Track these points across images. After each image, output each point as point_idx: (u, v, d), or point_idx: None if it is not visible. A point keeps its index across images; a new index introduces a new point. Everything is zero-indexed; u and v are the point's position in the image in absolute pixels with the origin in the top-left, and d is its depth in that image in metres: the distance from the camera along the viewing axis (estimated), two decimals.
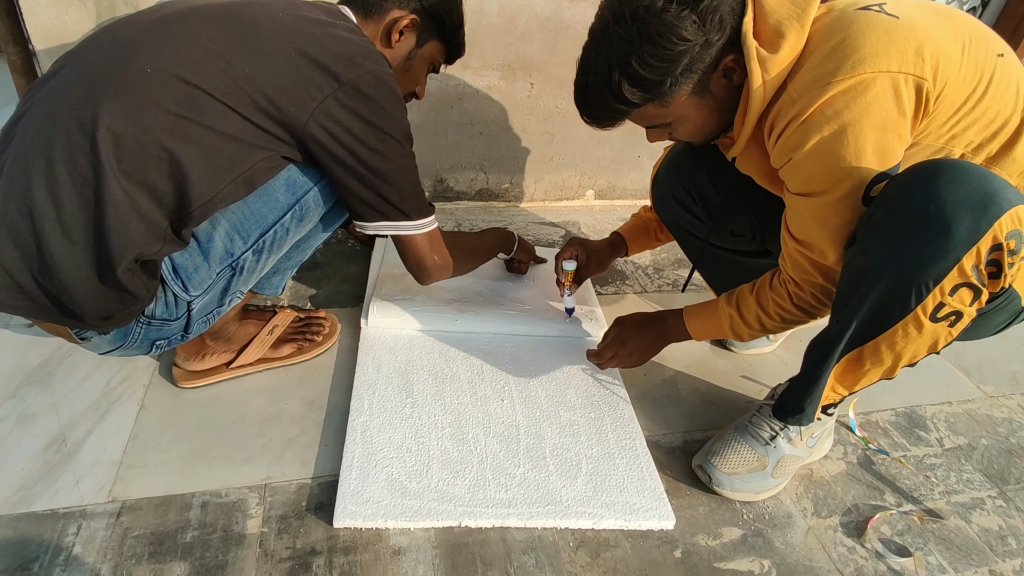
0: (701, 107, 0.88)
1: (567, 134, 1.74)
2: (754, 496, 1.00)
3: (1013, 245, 0.71)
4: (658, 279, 1.56)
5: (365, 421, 1.00)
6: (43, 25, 1.25)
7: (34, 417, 0.97)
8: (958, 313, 0.77)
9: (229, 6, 0.83)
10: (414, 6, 0.99)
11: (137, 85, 0.74)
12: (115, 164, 0.73)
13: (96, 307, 0.79)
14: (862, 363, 0.87)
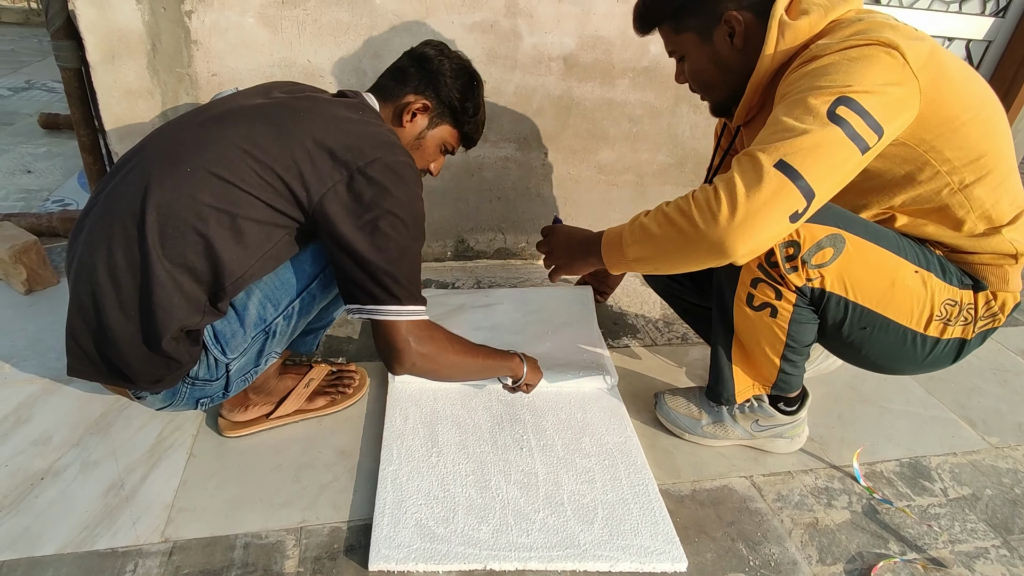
0: (703, 50, 1.01)
1: (579, 197, 1.86)
2: (680, 433, 1.24)
3: (790, 251, 0.90)
4: (668, 332, 1.64)
5: (395, 470, 1.08)
6: (115, 112, 1.43)
7: (96, 464, 1.06)
8: (769, 305, 0.98)
9: (261, 107, 0.95)
10: (428, 93, 1.10)
11: (179, 182, 0.87)
12: (160, 251, 0.86)
13: (148, 372, 0.92)
14: (743, 349, 1.09)
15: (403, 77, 1.11)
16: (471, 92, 1.13)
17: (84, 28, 1.33)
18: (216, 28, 1.39)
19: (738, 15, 0.94)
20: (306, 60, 1.47)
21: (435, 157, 1.18)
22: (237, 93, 1.04)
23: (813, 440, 1.30)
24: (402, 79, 1.11)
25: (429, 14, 1.48)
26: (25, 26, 5.03)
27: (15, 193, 2.07)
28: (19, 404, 1.17)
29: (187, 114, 1.00)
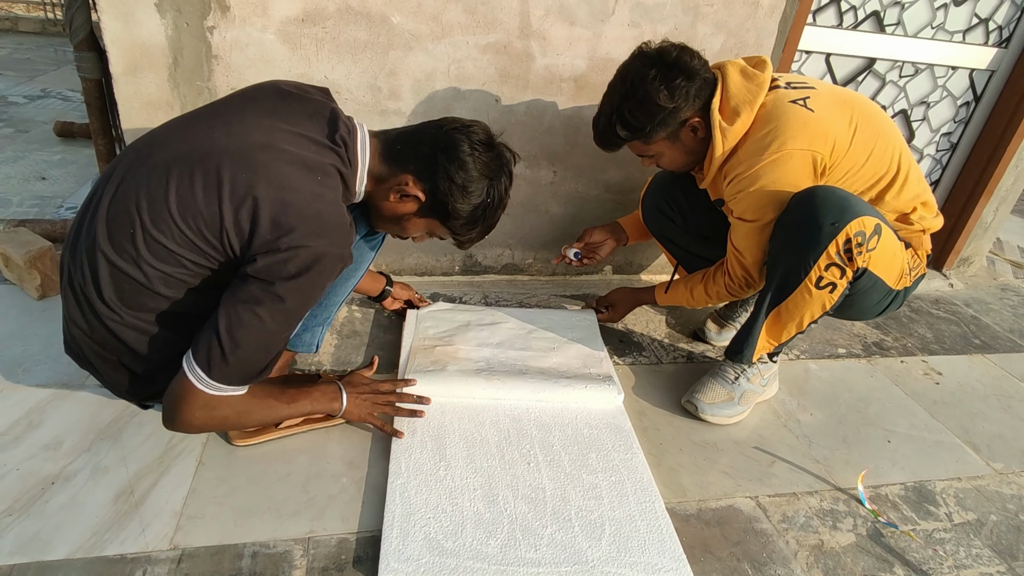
0: (674, 149, 1.31)
1: (587, 215, 1.88)
2: (727, 420, 1.38)
3: (860, 240, 1.13)
4: (673, 352, 1.65)
5: (403, 483, 1.08)
6: (135, 123, 1.45)
7: (106, 469, 1.07)
8: (833, 284, 1.19)
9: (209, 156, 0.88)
10: (424, 186, 1.00)
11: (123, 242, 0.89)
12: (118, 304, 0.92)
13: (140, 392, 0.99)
14: (780, 318, 1.28)
15: (413, 150, 1.01)
16: (487, 205, 1.03)
17: (108, 41, 1.36)
18: (237, 44, 1.42)
19: (696, 118, 1.24)
20: (323, 76, 1.50)
21: (418, 235, 1.12)
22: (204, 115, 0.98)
23: (818, 462, 1.30)
24: (411, 151, 1.01)
25: (445, 35, 1.51)
26: (41, 35, 5.11)
27: (29, 199, 2.09)
28: (31, 409, 1.18)
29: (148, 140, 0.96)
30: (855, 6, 1.86)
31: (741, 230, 1.31)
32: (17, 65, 4.01)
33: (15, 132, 2.73)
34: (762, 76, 1.24)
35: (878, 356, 1.75)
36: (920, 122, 2.14)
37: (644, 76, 1.20)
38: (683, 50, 1.22)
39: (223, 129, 0.93)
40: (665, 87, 1.19)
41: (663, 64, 1.20)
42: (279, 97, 1.00)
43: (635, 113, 1.23)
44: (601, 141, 1.33)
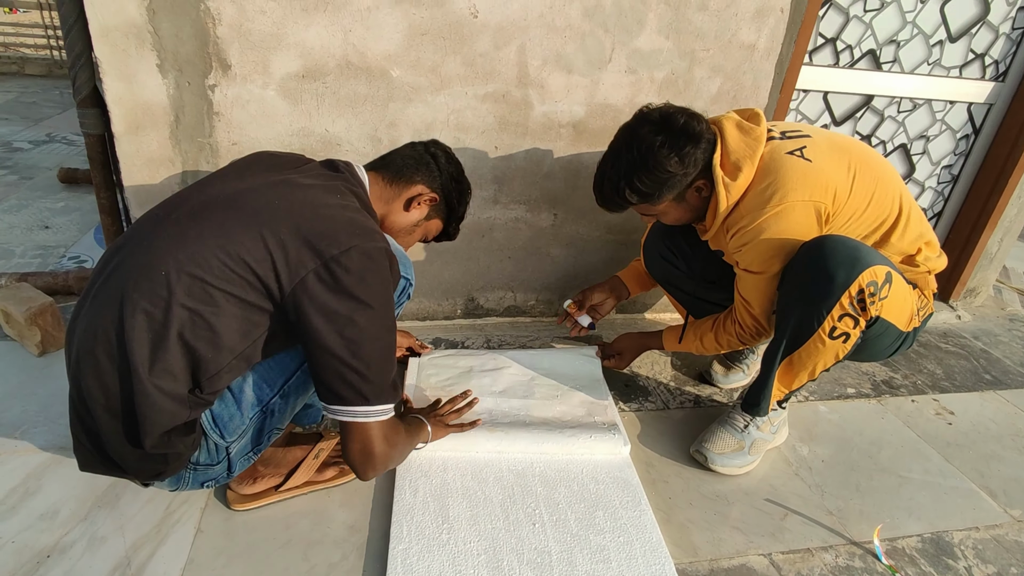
0: (679, 208, 1.31)
1: (588, 257, 1.88)
2: (737, 470, 1.35)
3: (872, 290, 1.13)
4: (680, 396, 1.63)
5: (405, 548, 1.06)
6: (136, 179, 1.46)
7: (103, 540, 1.05)
8: (846, 334, 1.18)
9: (236, 197, 0.94)
10: (436, 187, 1.18)
11: (155, 286, 0.86)
12: (143, 359, 0.85)
13: (148, 469, 0.93)
14: (792, 368, 1.28)
15: (415, 165, 1.17)
16: (465, 199, 1.26)
17: (111, 101, 1.38)
18: (238, 100, 1.43)
19: (702, 180, 1.25)
20: (324, 129, 1.51)
21: (415, 243, 1.27)
22: (214, 176, 1.03)
23: (832, 513, 1.27)
24: (414, 167, 1.17)
25: (444, 86, 1.52)
26: (48, 78, 5.21)
27: (32, 249, 2.10)
28: (28, 475, 1.16)
29: (164, 204, 0.99)
30: (851, 45, 1.88)
31: (748, 281, 1.30)
32: (23, 109, 4.08)
33: (20, 179, 2.76)
34: (758, 129, 1.25)
35: (888, 395, 1.72)
36: (920, 155, 2.15)
37: (652, 144, 1.19)
38: (689, 116, 1.21)
39: (235, 181, 0.99)
40: (676, 155, 1.19)
41: (670, 131, 1.19)
42: (271, 156, 1.11)
43: (645, 180, 1.22)
44: (606, 204, 1.33)
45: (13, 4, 6.28)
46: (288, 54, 1.42)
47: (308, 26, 1.40)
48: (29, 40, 5.96)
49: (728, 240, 1.28)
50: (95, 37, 1.32)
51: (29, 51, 5.88)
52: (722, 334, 1.40)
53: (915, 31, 1.90)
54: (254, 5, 1.35)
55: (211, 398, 0.93)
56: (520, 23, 1.50)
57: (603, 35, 1.56)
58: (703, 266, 1.52)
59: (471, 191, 1.28)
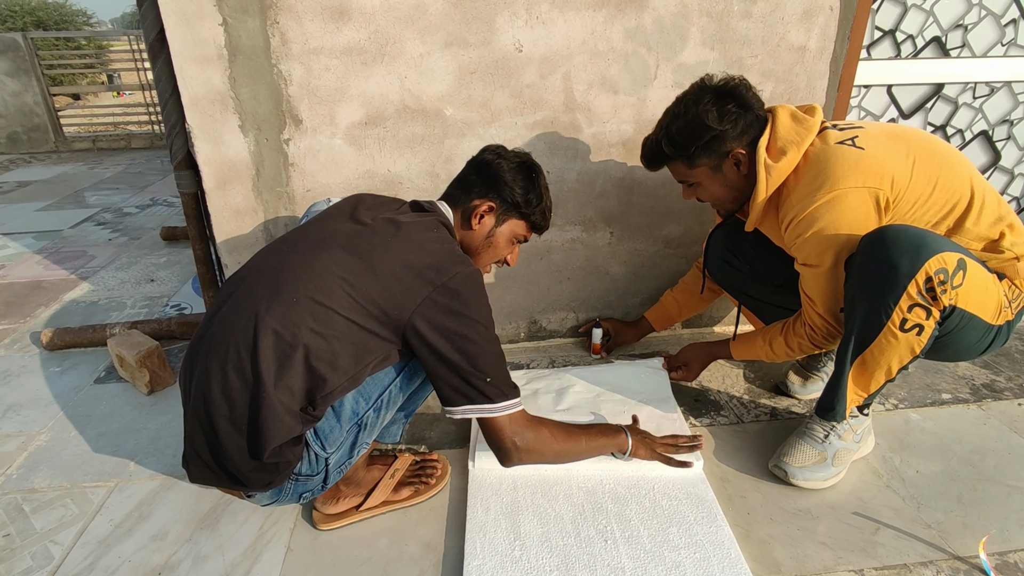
0: (715, 179, 1.30)
1: (648, 272, 1.87)
2: (822, 484, 1.28)
3: (942, 277, 1.06)
4: (755, 409, 1.58)
5: (479, 564, 1.08)
6: (225, 230, 1.62)
7: (205, 559, 1.14)
8: (920, 325, 1.11)
9: (352, 235, 1.06)
10: (492, 195, 1.20)
11: (286, 311, 0.97)
12: (270, 374, 0.95)
13: (261, 479, 1.01)
14: (865, 367, 1.20)
15: (467, 185, 1.22)
16: (531, 185, 1.22)
17: (201, 161, 1.55)
18: (310, 151, 1.57)
19: (741, 150, 1.24)
20: (386, 170, 1.62)
21: (509, 249, 1.28)
22: (326, 214, 1.16)
23: (930, 527, 1.18)
24: (466, 187, 1.22)
25: (494, 119, 1.60)
26: (150, 149, 5.82)
27: (141, 301, 2.35)
28: (141, 501, 1.29)
29: (284, 239, 1.12)
30: (912, 35, 1.81)
31: (808, 277, 1.26)
32: (131, 179, 4.58)
33: (129, 240, 3.10)
34: (812, 120, 1.23)
35: (990, 400, 1.58)
36: (1005, 141, 2.01)
37: (698, 99, 1.23)
38: (742, 83, 1.24)
39: (348, 221, 1.10)
40: (716, 109, 1.21)
41: (719, 91, 1.23)
42: (372, 198, 1.23)
43: (682, 131, 1.24)
44: (646, 156, 1.35)
45: (120, 89, 7.12)
46: (351, 104, 1.54)
47: (368, 77, 1.52)
48: (134, 118, 6.71)
49: (784, 233, 1.25)
50: (186, 107, 1.49)
51: (134, 127, 6.61)
52: (792, 337, 1.35)
53: (983, 13, 1.80)
54: (320, 64, 1.49)
55: (320, 415, 1.02)
56: (563, 52, 1.56)
57: (646, 53, 1.59)
58: (767, 269, 1.48)
59: (538, 172, 1.24)
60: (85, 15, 11.88)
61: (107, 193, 4.13)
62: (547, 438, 1.13)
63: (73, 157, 5.53)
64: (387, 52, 1.50)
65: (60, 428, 1.54)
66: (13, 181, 4.55)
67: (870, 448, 1.38)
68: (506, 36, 1.53)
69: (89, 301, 2.36)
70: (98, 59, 7.49)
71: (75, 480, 1.35)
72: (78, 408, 1.63)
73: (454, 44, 1.52)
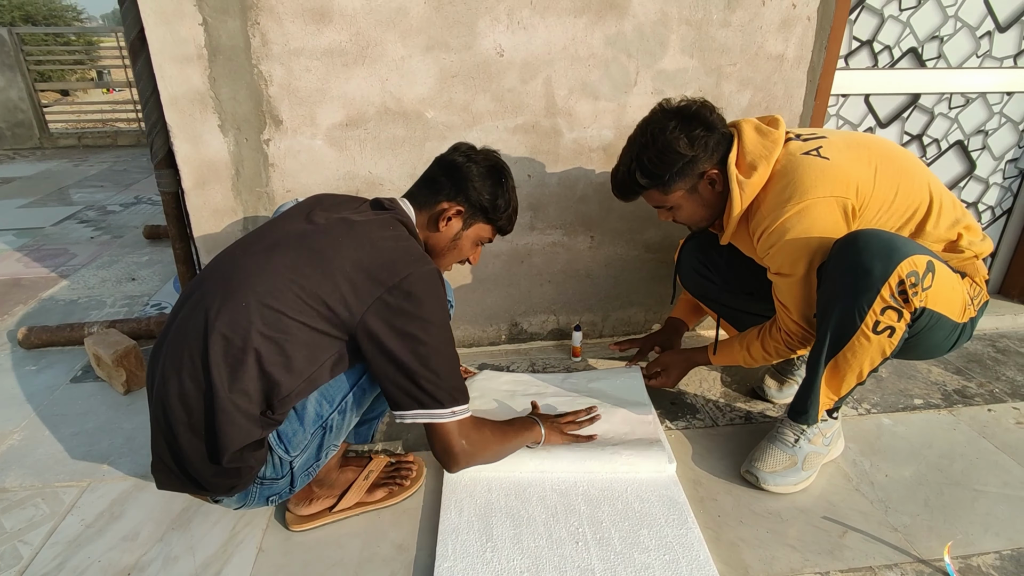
0: (691, 200, 1.31)
1: (629, 276, 1.89)
2: (792, 488, 1.30)
3: (913, 280, 1.09)
4: (730, 412, 1.59)
5: (449, 567, 1.08)
6: (204, 229, 1.62)
7: (176, 559, 1.14)
8: (891, 328, 1.13)
9: (304, 236, 1.05)
10: (460, 199, 1.19)
11: (236, 316, 0.96)
12: (222, 379, 0.95)
13: (223, 484, 1.01)
14: (838, 370, 1.22)
15: (435, 187, 1.20)
16: (500, 190, 1.22)
17: (180, 160, 1.55)
18: (290, 151, 1.57)
19: (714, 170, 1.26)
20: (367, 172, 1.62)
21: (472, 251, 1.28)
22: (283, 216, 1.14)
23: (897, 530, 1.20)
24: (434, 188, 1.20)
25: (475, 122, 1.61)
26: (136, 147, 5.78)
27: (121, 299, 2.33)
28: (113, 500, 1.28)
29: (241, 242, 1.11)
30: (889, 46, 1.84)
31: (781, 285, 1.28)
32: (115, 176, 4.54)
33: (112, 238, 3.07)
34: (776, 132, 1.25)
35: (961, 405, 1.61)
36: (980, 151, 2.04)
37: (664, 127, 1.24)
38: (703, 105, 1.26)
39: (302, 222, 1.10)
40: (685, 136, 1.22)
41: (682, 116, 1.24)
42: (331, 197, 1.22)
43: (654, 160, 1.25)
44: (620, 189, 1.36)
45: (110, 85, 7.06)
46: (332, 106, 1.54)
47: (349, 79, 1.52)
48: (122, 115, 6.66)
49: (756, 244, 1.27)
50: (166, 106, 1.49)
51: (123, 125, 6.56)
52: (769, 342, 1.37)
53: (959, 25, 1.84)
54: (300, 64, 1.49)
55: (280, 418, 1.02)
56: (544, 57, 1.57)
57: (627, 60, 1.61)
58: (738, 278, 1.50)
59: (507, 175, 1.23)
60: (75, 11, 11.77)
61: (91, 191, 4.10)
62: (488, 440, 1.15)
63: (58, 154, 5.47)
64: (368, 54, 1.51)
65: (34, 427, 1.53)
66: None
67: (839, 451, 1.40)
68: (487, 40, 1.54)
69: (68, 299, 2.34)
70: (87, 55, 7.43)
71: (47, 480, 1.34)
72: (53, 407, 1.61)
73: (436, 47, 1.52)
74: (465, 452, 1.09)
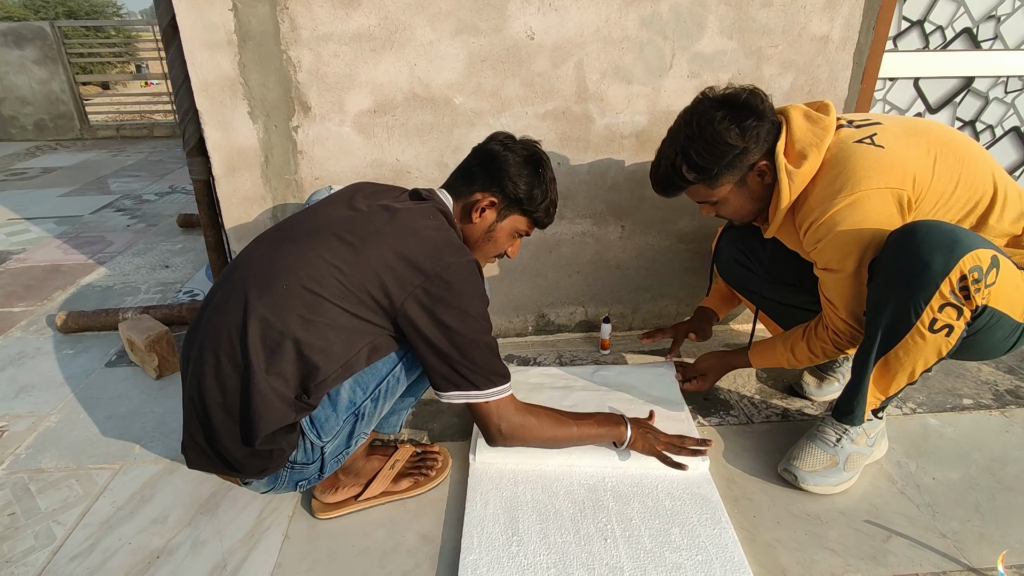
0: (739, 195, 1.24)
1: (661, 267, 1.84)
2: (832, 489, 1.23)
3: (976, 275, 1.00)
4: (766, 409, 1.53)
5: (475, 559, 1.06)
6: (234, 216, 1.62)
7: (204, 543, 1.14)
8: (949, 326, 1.05)
9: (346, 222, 1.05)
10: (494, 190, 1.16)
11: (276, 299, 0.97)
12: (260, 361, 0.95)
13: (254, 465, 1.01)
14: (888, 369, 1.14)
15: (470, 176, 1.18)
16: (537, 180, 1.18)
17: (211, 147, 1.55)
18: (318, 139, 1.56)
19: (764, 161, 1.18)
20: (395, 159, 1.60)
21: (509, 243, 1.25)
22: (323, 202, 1.14)
23: (945, 536, 1.14)
24: (469, 178, 1.18)
25: (504, 108, 1.57)
26: (172, 138, 5.90)
27: (155, 286, 2.37)
28: (144, 484, 1.29)
29: (279, 227, 1.11)
30: (941, 26, 1.74)
31: (829, 282, 1.22)
32: (151, 167, 4.64)
33: (147, 226, 3.14)
34: (827, 119, 1.18)
35: (1013, 406, 1.52)
36: None
37: (712, 117, 1.16)
38: (752, 93, 1.18)
39: (345, 207, 1.09)
40: (736, 126, 1.15)
41: (731, 106, 1.16)
42: (371, 186, 1.21)
43: (703, 154, 1.17)
44: (662, 185, 1.28)
45: (147, 78, 7.23)
46: (360, 92, 1.53)
47: (377, 64, 1.50)
48: (159, 107, 6.80)
49: (803, 238, 1.20)
50: (197, 92, 1.49)
51: (159, 117, 6.70)
52: (815, 342, 1.29)
53: (1017, 3, 1.73)
54: (329, 50, 1.48)
55: (315, 403, 1.01)
56: (576, 40, 1.53)
57: (662, 42, 1.55)
58: (780, 269, 1.43)
59: (545, 166, 1.19)
60: (115, 5, 12.09)
61: (128, 180, 4.19)
62: (534, 426, 1.13)
63: (97, 144, 5.62)
64: (396, 39, 1.48)
65: (70, 410, 1.56)
66: (38, 167, 4.64)
67: (883, 452, 1.33)
68: (518, 23, 1.50)
69: (104, 286, 2.39)
70: (126, 48, 7.60)
71: (81, 462, 1.37)
72: (88, 390, 1.65)
73: (464, 31, 1.49)
74: (501, 433, 1.10)
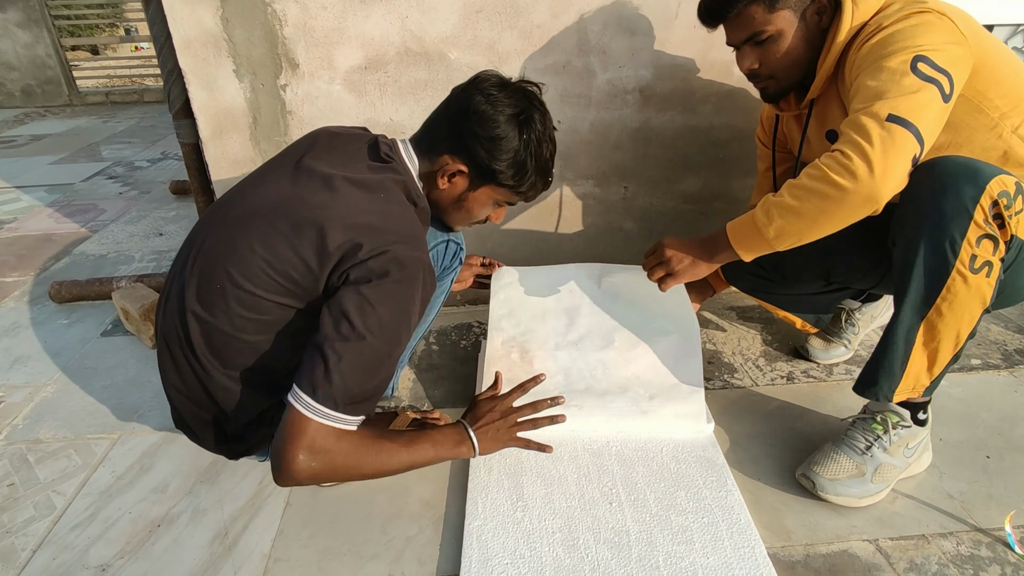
0: (796, 31, 1.07)
1: (664, 229, 1.79)
2: (856, 502, 1.10)
3: (1006, 201, 0.92)
4: (771, 371, 1.51)
5: (480, 525, 1.06)
6: (224, 181, 1.57)
7: (204, 512, 1.13)
8: (989, 263, 0.94)
9: (280, 203, 0.94)
10: (464, 158, 1.00)
11: (213, 299, 0.94)
12: (211, 361, 0.94)
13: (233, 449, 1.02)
14: (934, 333, 1.00)
15: (437, 133, 1.04)
16: (520, 150, 1.00)
17: (196, 108, 1.49)
18: (307, 97, 1.49)
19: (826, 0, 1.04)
20: (388, 118, 1.54)
21: (488, 211, 1.12)
22: (270, 166, 1.06)
23: (952, 497, 1.13)
24: (436, 136, 1.04)
25: (502, 62, 1.50)
26: (162, 103, 5.75)
27: (149, 255, 2.33)
28: (143, 453, 1.28)
29: (223, 202, 1.04)
30: None
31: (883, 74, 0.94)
32: (142, 132, 4.54)
33: (139, 194, 3.08)
34: None
35: (1023, 366, 1.50)
36: None
37: None
38: None
39: (288, 178, 0.99)
40: None
41: None
42: (329, 138, 1.07)
43: None
44: (714, 4, 1.09)
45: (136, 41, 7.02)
46: (350, 47, 1.46)
47: (367, 17, 1.43)
48: (149, 72, 6.62)
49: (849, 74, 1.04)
50: (179, 50, 1.42)
51: (150, 82, 6.53)
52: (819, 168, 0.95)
53: None
54: (315, 2, 1.40)
55: (289, 383, 0.97)
56: None
57: None
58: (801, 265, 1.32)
59: (529, 129, 0.99)
60: None
61: (119, 147, 4.10)
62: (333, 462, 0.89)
63: (87, 111, 5.49)
64: None
65: (66, 380, 1.54)
66: (27, 135, 4.54)
67: (924, 466, 1.18)
68: None
69: (98, 254, 2.35)
70: (113, 10, 7.36)
71: (79, 432, 1.36)
72: (84, 360, 1.63)
73: None
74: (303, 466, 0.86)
